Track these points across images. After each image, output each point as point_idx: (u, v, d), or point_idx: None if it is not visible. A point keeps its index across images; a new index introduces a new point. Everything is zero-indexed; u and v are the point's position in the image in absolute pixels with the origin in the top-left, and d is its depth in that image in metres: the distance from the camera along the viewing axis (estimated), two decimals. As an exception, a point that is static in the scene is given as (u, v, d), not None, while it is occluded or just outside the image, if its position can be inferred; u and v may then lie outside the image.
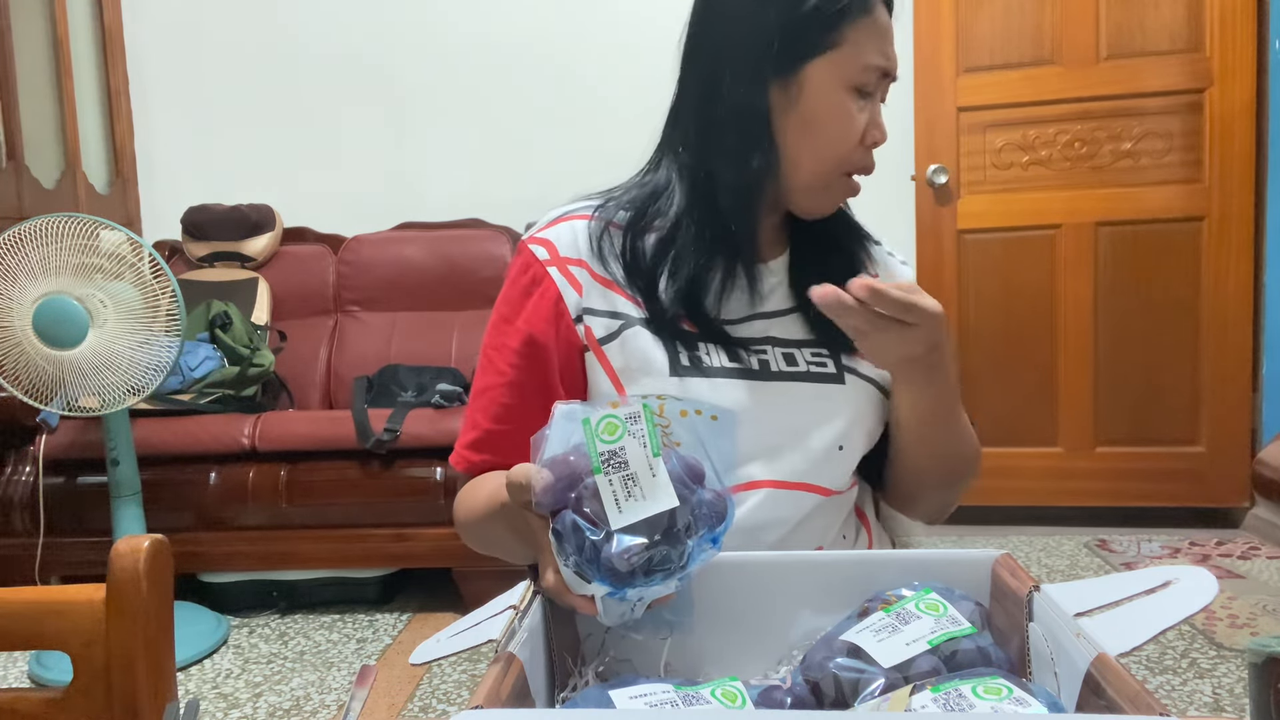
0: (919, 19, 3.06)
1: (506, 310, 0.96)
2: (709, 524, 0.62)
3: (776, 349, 0.93)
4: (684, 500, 0.61)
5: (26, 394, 2.21)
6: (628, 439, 0.61)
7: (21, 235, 2.17)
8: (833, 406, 0.92)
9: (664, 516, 0.61)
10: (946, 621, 0.62)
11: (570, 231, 0.96)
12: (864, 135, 0.91)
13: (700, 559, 0.62)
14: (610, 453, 0.61)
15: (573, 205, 1.00)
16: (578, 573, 0.61)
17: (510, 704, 0.54)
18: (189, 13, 3.51)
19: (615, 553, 0.59)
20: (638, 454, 0.61)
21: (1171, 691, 1.98)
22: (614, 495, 0.61)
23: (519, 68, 3.42)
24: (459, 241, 3.23)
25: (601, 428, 0.62)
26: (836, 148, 0.91)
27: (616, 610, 0.62)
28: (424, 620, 2.59)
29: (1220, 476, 3.04)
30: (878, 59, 0.89)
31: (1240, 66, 2.92)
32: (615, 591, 0.60)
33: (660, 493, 0.61)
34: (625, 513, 0.60)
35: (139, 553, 0.67)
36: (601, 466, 0.61)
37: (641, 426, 0.62)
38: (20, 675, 2.35)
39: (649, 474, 0.61)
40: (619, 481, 0.61)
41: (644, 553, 0.60)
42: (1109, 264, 3.07)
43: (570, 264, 0.94)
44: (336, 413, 2.75)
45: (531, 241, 0.96)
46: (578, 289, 0.93)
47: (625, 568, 0.59)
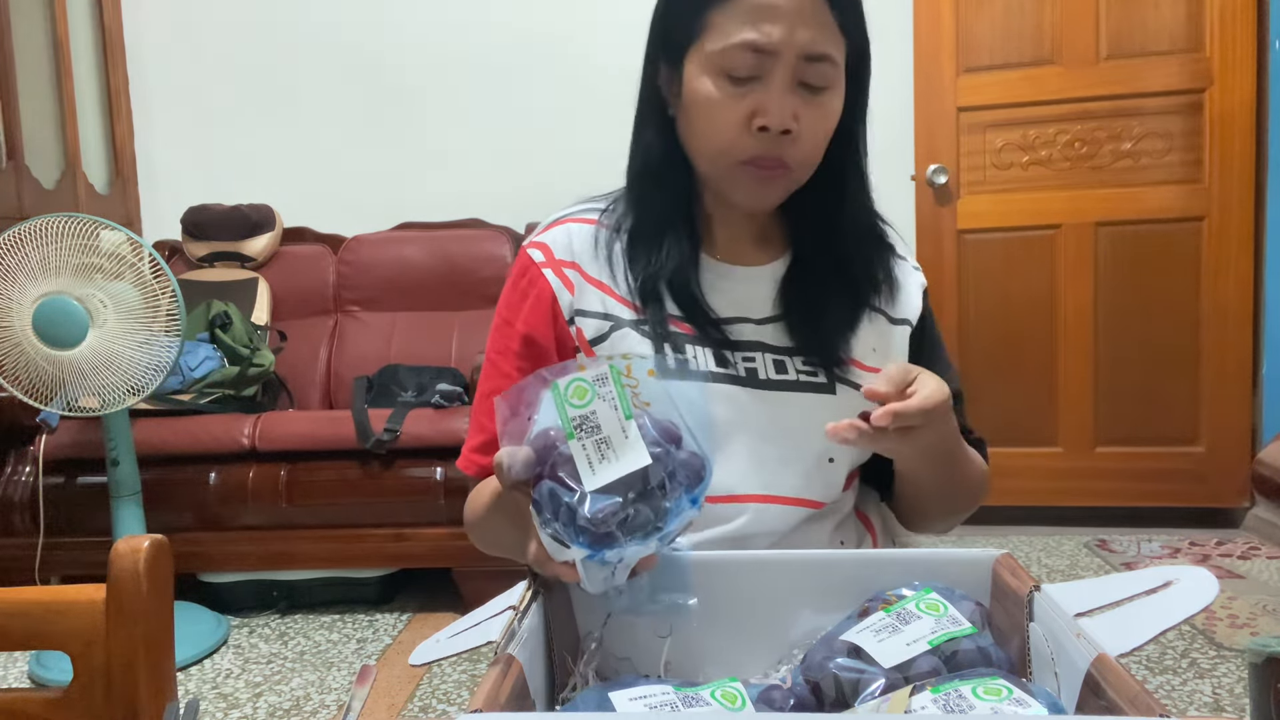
0: (919, 19, 3.06)
1: (506, 313, 0.96)
2: (686, 483, 0.62)
3: (766, 355, 0.92)
4: (658, 459, 0.61)
5: (26, 394, 2.21)
6: (598, 402, 0.61)
7: (21, 235, 2.17)
8: (823, 417, 0.89)
9: (637, 475, 0.60)
10: (947, 621, 0.61)
11: (566, 234, 0.96)
12: (748, 121, 0.85)
13: (679, 518, 0.61)
14: (581, 417, 0.61)
15: (573, 209, 1.00)
16: (556, 539, 0.61)
17: (510, 706, 0.54)
18: (189, 13, 3.51)
19: (590, 513, 0.59)
20: (609, 416, 0.61)
21: (1171, 691, 1.98)
22: (587, 458, 0.61)
23: (519, 68, 3.42)
24: (459, 241, 3.23)
25: (570, 392, 0.62)
26: (713, 137, 0.87)
27: (599, 575, 0.62)
28: (424, 620, 2.59)
29: (1220, 476, 3.04)
30: (744, 36, 0.84)
31: (1240, 66, 2.92)
32: (594, 553, 0.60)
33: (632, 452, 0.61)
34: (599, 474, 0.60)
35: (139, 553, 0.67)
36: (574, 431, 0.61)
37: (610, 389, 0.62)
38: (20, 675, 2.35)
39: (621, 435, 0.61)
40: (592, 445, 0.61)
41: (620, 511, 0.60)
42: (1109, 264, 3.07)
43: (564, 266, 0.94)
44: (336, 413, 2.75)
45: (529, 246, 0.97)
46: (570, 290, 0.93)
47: (601, 528, 0.59)
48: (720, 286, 0.93)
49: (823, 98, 0.87)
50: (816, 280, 0.94)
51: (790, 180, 0.90)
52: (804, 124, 0.86)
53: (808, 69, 0.85)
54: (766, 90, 0.84)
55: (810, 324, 0.93)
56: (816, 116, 0.87)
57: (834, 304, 0.94)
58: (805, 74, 0.85)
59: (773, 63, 0.84)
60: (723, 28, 0.85)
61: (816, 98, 0.86)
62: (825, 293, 0.93)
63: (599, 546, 0.60)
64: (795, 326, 0.93)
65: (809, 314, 0.93)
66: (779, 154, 0.86)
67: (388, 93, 3.47)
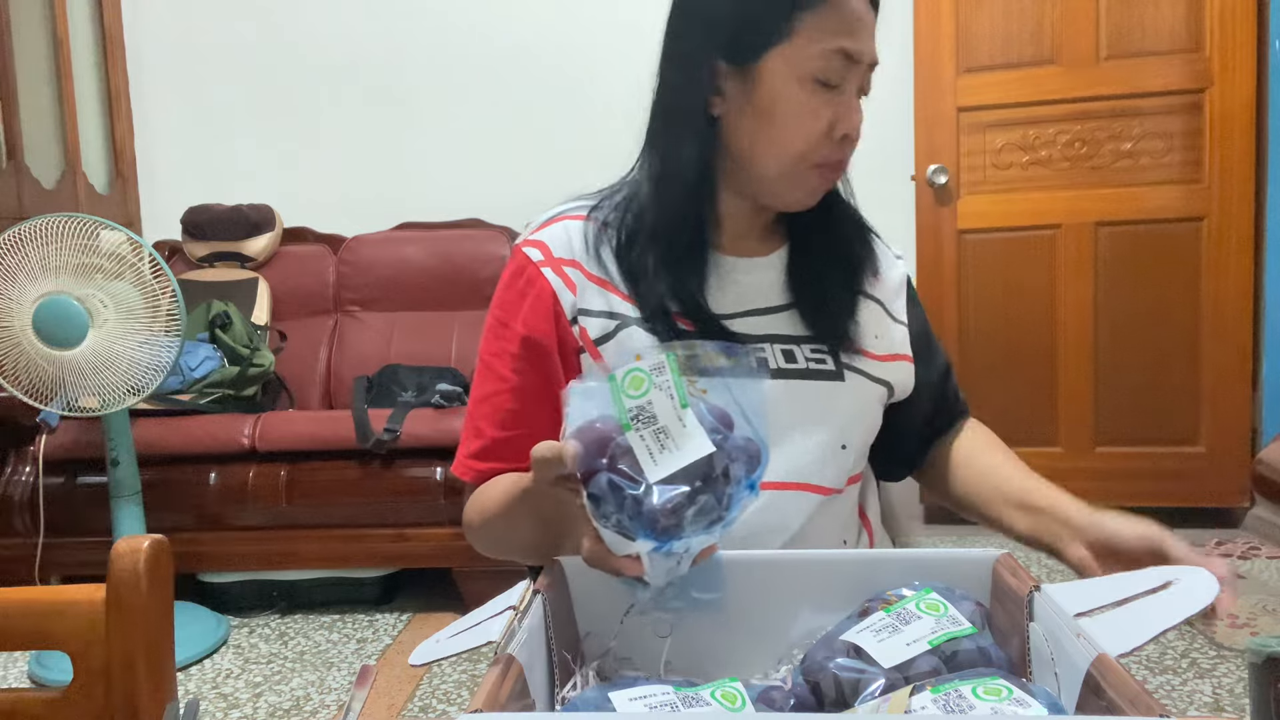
0: (919, 19, 3.06)
1: (502, 314, 0.95)
2: (745, 468, 0.62)
3: (775, 346, 0.92)
4: (718, 446, 0.60)
5: (26, 394, 2.21)
6: (654, 392, 0.61)
7: (21, 235, 2.17)
8: (834, 404, 0.92)
9: (701, 463, 0.60)
10: (947, 621, 0.61)
11: (564, 232, 0.95)
12: (831, 127, 0.87)
13: (740, 504, 0.61)
14: (638, 408, 0.60)
15: (566, 206, 0.99)
16: (620, 533, 0.60)
17: (510, 706, 0.54)
18: (189, 13, 3.51)
19: (658, 504, 0.58)
20: (665, 406, 0.60)
21: (1171, 691, 1.98)
22: (648, 449, 0.60)
23: (519, 68, 3.42)
24: (459, 241, 3.23)
25: (627, 383, 0.61)
26: (796, 141, 0.88)
27: (664, 566, 0.61)
28: (424, 620, 2.59)
29: (1220, 476, 3.04)
30: (839, 44, 0.85)
31: (1240, 66, 2.92)
32: (661, 545, 0.60)
33: (694, 441, 0.60)
34: (661, 465, 0.59)
35: (139, 553, 0.67)
36: (631, 423, 0.60)
37: (667, 378, 0.61)
38: (20, 675, 2.35)
39: (679, 425, 0.60)
40: (650, 436, 0.60)
41: (688, 501, 0.59)
42: (1109, 264, 3.07)
43: (564, 264, 0.93)
44: (336, 413, 2.75)
45: (525, 244, 0.95)
46: (572, 289, 0.92)
47: (670, 520, 0.59)
48: (726, 282, 0.93)
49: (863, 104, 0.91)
50: (820, 267, 0.96)
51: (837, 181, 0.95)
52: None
53: (868, 78, 0.90)
54: (845, 98, 0.88)
55: (821, 310, 0.94)
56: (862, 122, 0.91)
57: (838, 289, 0.96)
58: (866, 83, 0.90)
59: (854, 72, 0.88)
60: (815, 31, 0.85)
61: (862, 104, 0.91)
62: (829, 279, 0.96)
63: (666, 538, 0.59)
64: (806, 313, 0.94)
65: (819, 300, 0.95)
66: (845, 158, 0.91)
67: (388, 93, 3.46)
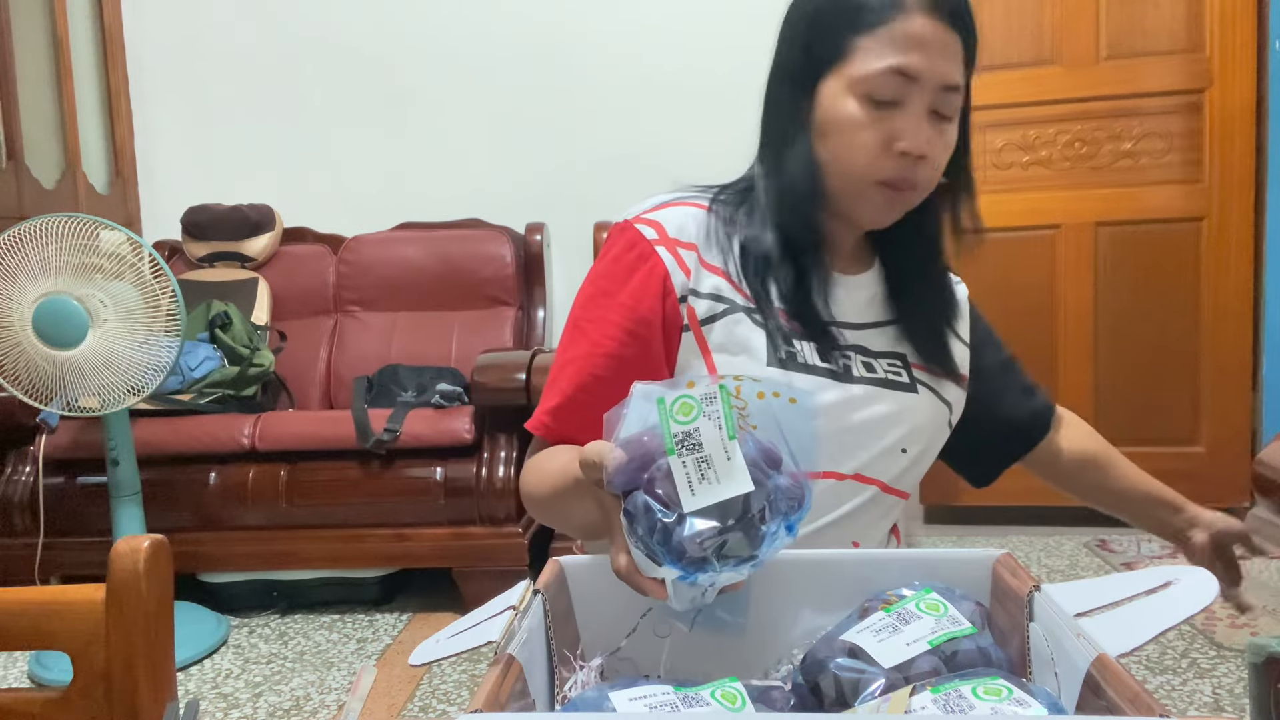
0: (919, 19, 3.05)
1: (607, 284, 0.95)
2: (785, 510, 0.61)
3: (859, 357, 0.97)
4: (759, 484, 0.59)
5: (26, 394, 2.21)
6: (703, 420, 0.59)
7: (21, 235, 2.17)
8: (902, 411, 0.97)
9: (738, 501, 0.59)
10: (947, 621, 0.61)
11: (681, 215, 0.97)
12: (890, 143, 0.90)
13: (774, 546, 0.60)
14: (684, 434, 0.59)
15: (680, 193, 1.01)
16: (649, 555, 0.60)
17: (510, 706, 0.54)
18: (189, 13, 3.51)
19: (687, 536, 0.58)
20: (713, 436, 0.59)
21: (1171, 691, 1.98)
22: (687, 477, 0.59)
23: (519, 67, 3.42)
24: (459, 241, 3.23)
25: (676, 408, 0.60)
26: (854, 157, 0.91)
27: (687, 595, 0.61)
28: (424, 620, 2.59)
29: (1220, 476, 3.04)
30: (892, 62, 0.88)
31: (1240, 66, 2.92)
32: (686, 575, 0.59)
33: (735, 476, 0.59)
34: (698, 495, 0.59)
35: (139, 553, 0.67)
36: (675, 448, 0.59)
37: (718, 408, 0.60)
38: (20, 675, 2.35)
39: (724, 457, 0.59)
40: (692, 464, 0.59)
41: (716, 537, 0.58)
42: (1109, 264, 3.06)
43: (680, 246, 0.95)
44: (336, 413, 2.75)
45: (639, 221, 0.97)
46: (685, 271, 0.94)
47: (697, 552, 0.58)
48: (823, 291, 0.98)
49: (949, 126, 0.93)
50: (914, 289, 1.02)
51: (913, 201, 0.95)
52: (933, 150, 0.91)
53: (942, 99, 0.90)
54: (906, 116, 0.89)
55: (923, 330, 1.01)
56: (943, 144, 0.93)
57: (932, 312, 1.03)
58: (939, 103, 0.90)
59: (915, 90, 0.89)
60: (869, 53, 0.89)
61: (945, 126, 0.92)
62: (923, 300, 1.03)
63: (692, 570, 0.59)
64: (898, 334, 1.00)
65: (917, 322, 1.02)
66: (910, 176, 0.91)
67: (388, 93, 3.46)
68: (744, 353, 0.92)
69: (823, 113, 0.92)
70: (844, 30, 0.90)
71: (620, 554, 0.63)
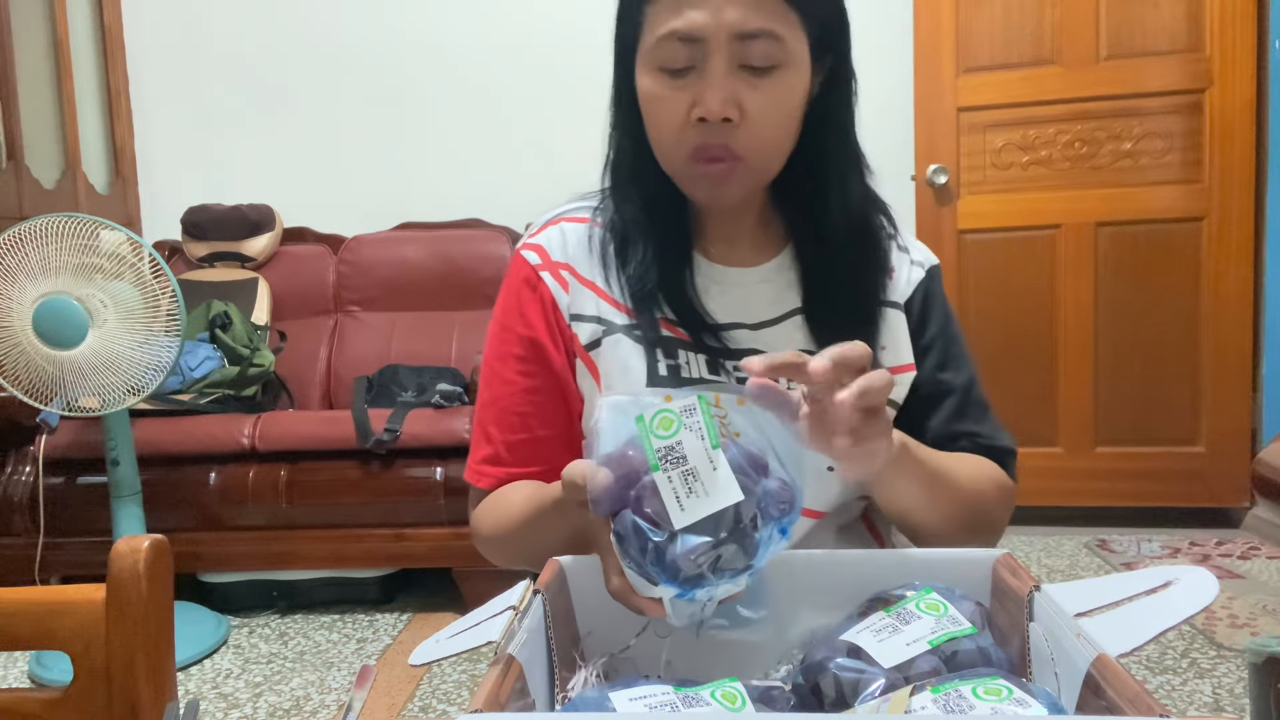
0: (919, 19, 3.06)
1: (504, 318, 0.94)
2: (777, 515, 0.60)
3: None
4: (748, 492, 0.58)
5: (26, 394, 2.21)
6: (684, 433, 0.58)
7: (21, 235, 2.17)
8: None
9: (729, 512, 0.58)
10: (947, 621, 0.61)
11: (560, 234, 0.94)
12: (689, 112, 0.81)
13: (769, 551, 0.59)
14: (667, 448, 0.58)
15: (567, 207, 0.97)
16: (643, 575, 0.59)
17: (510, 707, 0.54)
18: (189, 13, 3.51)
19: (680, 554, 0.57)
20: (696, 447, 0.58)
21: (1171, 691, 1.98)
22: (674, 493, 0.58)
23: (519, 68, 3.42)
24: (459, 241, 3.23)
25: (656, 423, 0.59)
26: (659, 133, 0.85)
27: (686, 611, 0.60)
28: (424, 620, 2.59)
29: (1220, 476, 3.04)
30: (669, 26, 0.80)
31: (1240, 66, 2.92)
32: (684, 593, 0.58)
33: (723, 487, 0.58)
34: (687, 510, 0.57)
35: (139, 553, 0.67)
36: (659, 464, 0.58)
37: (698, 419, 0.59)
38: (20, 675, 2.35)
39: (709, 468, 0.58)
40: (678, 478, 0.58)
41: (710, 552, 0.57)
42: (1109, 264, 3.07)
43: (560, 268, 0.92)
44: (336, 413, 2.75)
45: (524, 247, 0.95)
46: (566, 291, 0.91)
47: (692, 570, 0.57)
48: (714, 291, 0.90)
49: (771, 78, 0.81)
50: (822, 275, 0.90)
51: (748, 171, 0.84)
52: (751, 108, 0.80)
53: (746, 49, 0.79)
54: (702, 78, 0.80)
55: (826, 326, 0.88)
56: (765, 99, 0.81)
57: (845, 303, 0.89)
58: (745, 55, 0.80)
59: (704, 49, 0.80)
60: (654, 21, 0.82)
61: (763, 79, 0.81)
62: (834, 291, 0.90)
63: (689, 586, 0.58)
64: (811, 325, 0.89)
65: (825, 315, 0.89)
66: (724, 142, 0.81)
67: (388, 93, 3.47)
68: (623, 375, 0.87)
69: (640, 93, 0.86)
70: (637, 3, 0.84)
71: (613, 575, 0.62)
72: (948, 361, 0.95)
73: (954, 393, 0.94)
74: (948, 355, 0.95)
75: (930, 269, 0.96)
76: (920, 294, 0.94)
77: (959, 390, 0.94)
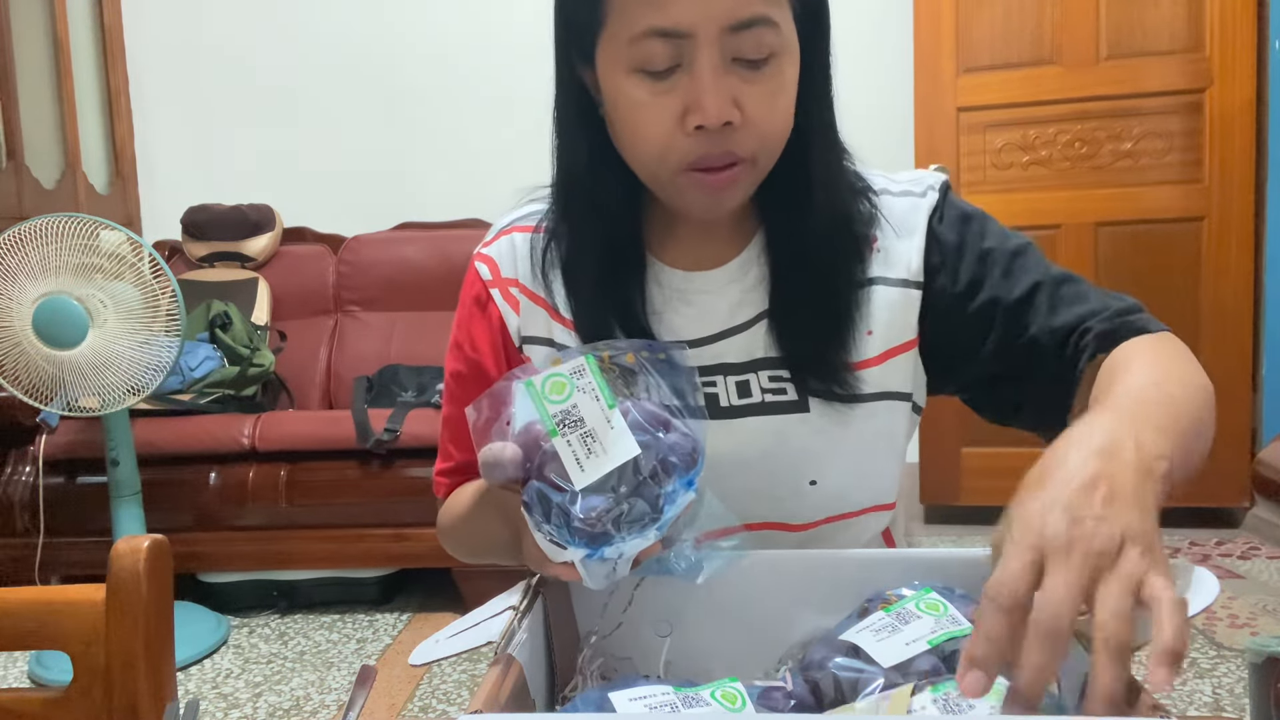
0: (919, 19, 3.06)
1: (457, 334, 0.89)
2: (681, 467, 0.60)
3: (728, 378, 0.80)
4: (647, 447, 0.59)
5: (26, 394, 2.21)
6: (578, 395, 0.59)
7: (21, 235, 2.17)
8: (796, 440, 0.79)
9: (627, 467, 0.58)
10: (947, 621, 0.61)
11: (510, 246, 0.86)
12: (682, 119, 0.71)
13: (675, 505, 0.59)
14: (564, 413, 0.59)
15: (519, 211, 0.89)
16: (553, 541, 0.59)
17: (510, 707, 0.54)
18: (189, 13, 3.51)
19: (582, 513, 0.57)
20: (592, 409, 0.59)
21: (1171, 691, 1.98)
22: (574, 455, 0.58)
23: (519, 67, 3.41)
24: (459, 241, 3.23)
25: (548, 388, 0.59)
26: (646, 144, 0.73)
27: (600, 571, 0.60)
28: (424, 620, 2.59)
29: (1220, 476, 3.04)
30: (648, 22, 0.69)
31: (1240, 66, 2.92)
32: (593, 552, 0.58)
33: (620, 443, 0.58)
34: (587, 470, 0.58)
35: (139, 553, 0.67)
36: (557, 428, 0.59)
37: (590, 380, 0.59)
38: (20, 675, 2.35)
39: (607, 427, 0.58)
40: (577, 440, 0.58)
41: (613, 508, 0.58)
42: (1109, 264, 3.06)
43: (509, 285, 0.86)
44: (336, 413, 2.75)
45: (478, 257, 0.88)
46: (516, 311, 0.85)
47: (596, 527, 0.57)
48: (676, 301, 0.82)
49: (768, 69, 0.71)
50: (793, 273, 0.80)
51: (751, 174, 0.75)
52: (750, 106, 0.71)
53: (739, 41, 0.69)
54: (694, 79, 0.70)
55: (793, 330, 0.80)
56: (764, 94, 0.71)
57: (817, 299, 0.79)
58: (738, 48, 0.70)
59: (692, 46, 0.69)
60: (625, 15, 0.70)
61: (759, 72, 0.71)
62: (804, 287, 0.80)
63: (596, 545, 0.58)
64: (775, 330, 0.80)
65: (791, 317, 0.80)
66: (726, 149, 0.72)
67: (388, 93, 3.46)
68: None
69: (605, 94, 0.75)
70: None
71: (530, 546, 0.62)
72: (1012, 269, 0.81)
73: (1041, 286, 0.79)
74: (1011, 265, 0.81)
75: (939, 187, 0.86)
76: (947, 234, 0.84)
77: (1048, 282, 0.79)
